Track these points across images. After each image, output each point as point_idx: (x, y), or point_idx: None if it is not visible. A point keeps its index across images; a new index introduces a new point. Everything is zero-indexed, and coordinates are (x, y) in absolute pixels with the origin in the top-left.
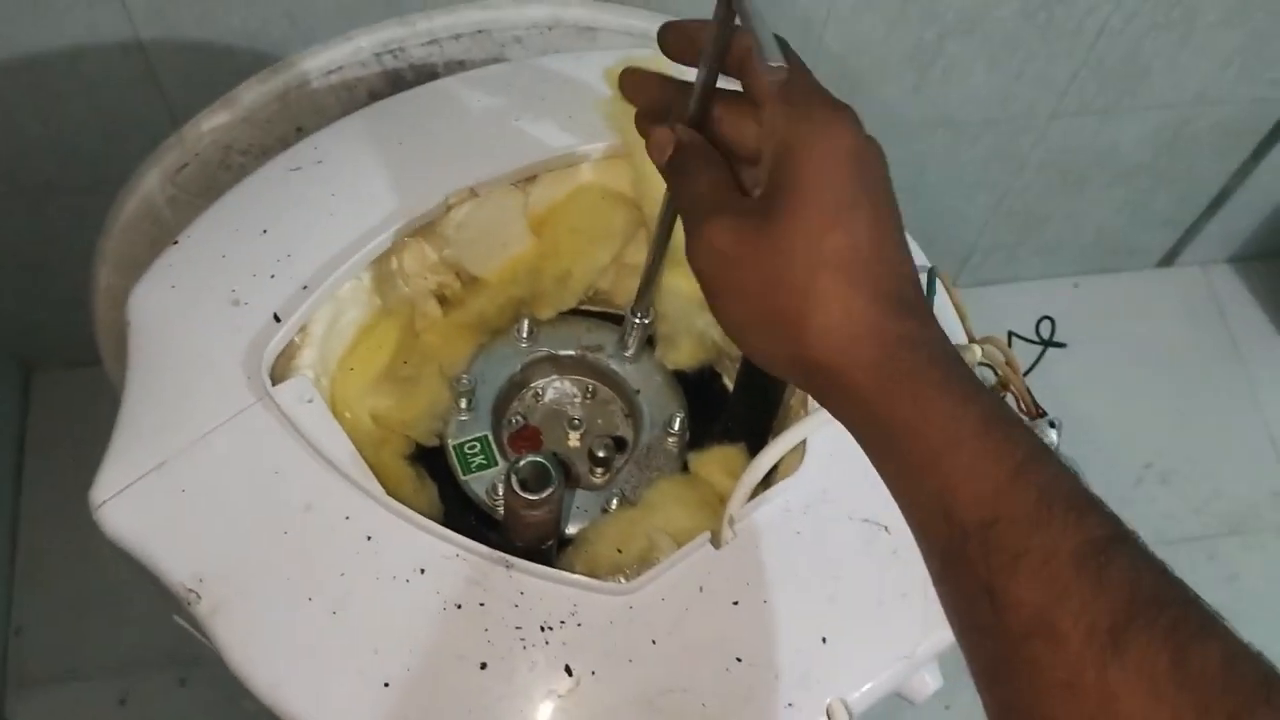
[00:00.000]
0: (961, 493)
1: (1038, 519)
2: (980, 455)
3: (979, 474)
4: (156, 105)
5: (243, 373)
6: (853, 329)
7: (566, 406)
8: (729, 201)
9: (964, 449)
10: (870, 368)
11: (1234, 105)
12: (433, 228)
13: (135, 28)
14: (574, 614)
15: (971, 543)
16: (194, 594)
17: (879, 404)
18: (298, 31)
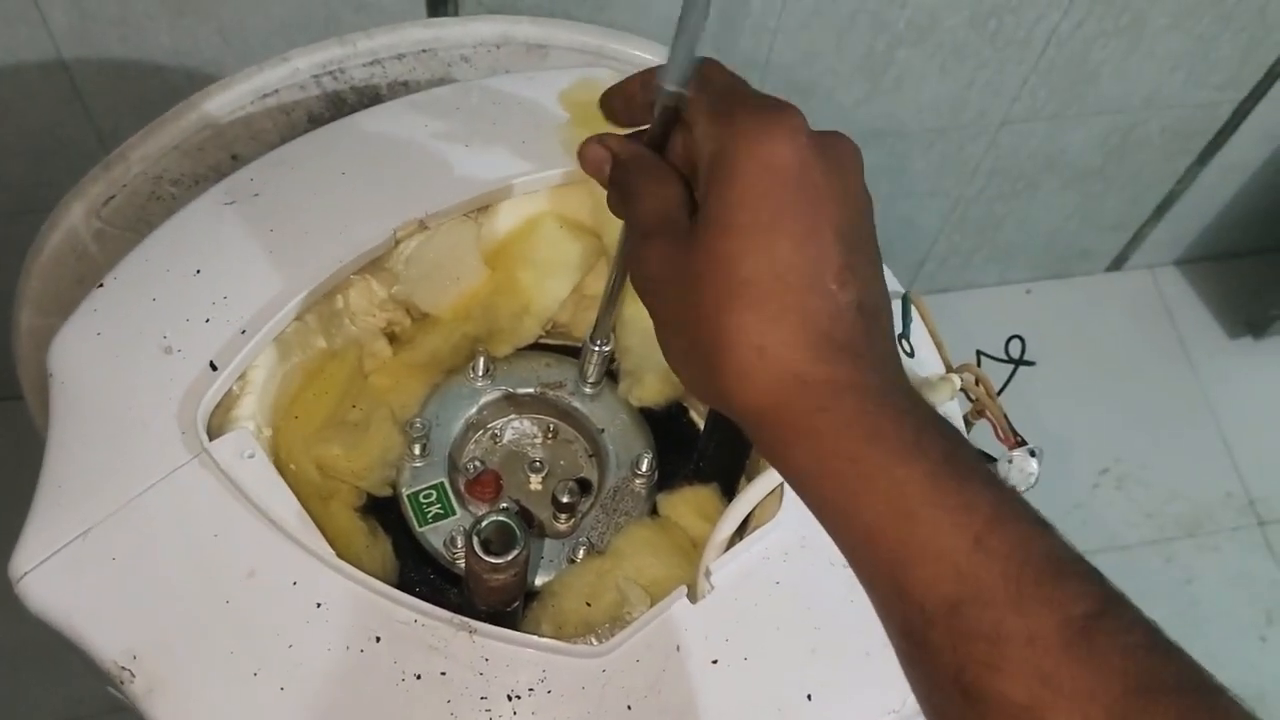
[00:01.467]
0: (917, 572)
1: (1010, 597)
2: (933, 525)
3: (934, 549)
4: (84, 127)
5: (177, 427)
6: (769, 374)
7: (527, 448)
8: (669, 221)
9: (913, 519)
10: (792, 421)
11: (1181, 109)
12: (380, 263)
13: (57, 47)
14: (543, 680)
15: (936, 629)
16: (127, 672)
17: (806, 463)
18: (231, 49)
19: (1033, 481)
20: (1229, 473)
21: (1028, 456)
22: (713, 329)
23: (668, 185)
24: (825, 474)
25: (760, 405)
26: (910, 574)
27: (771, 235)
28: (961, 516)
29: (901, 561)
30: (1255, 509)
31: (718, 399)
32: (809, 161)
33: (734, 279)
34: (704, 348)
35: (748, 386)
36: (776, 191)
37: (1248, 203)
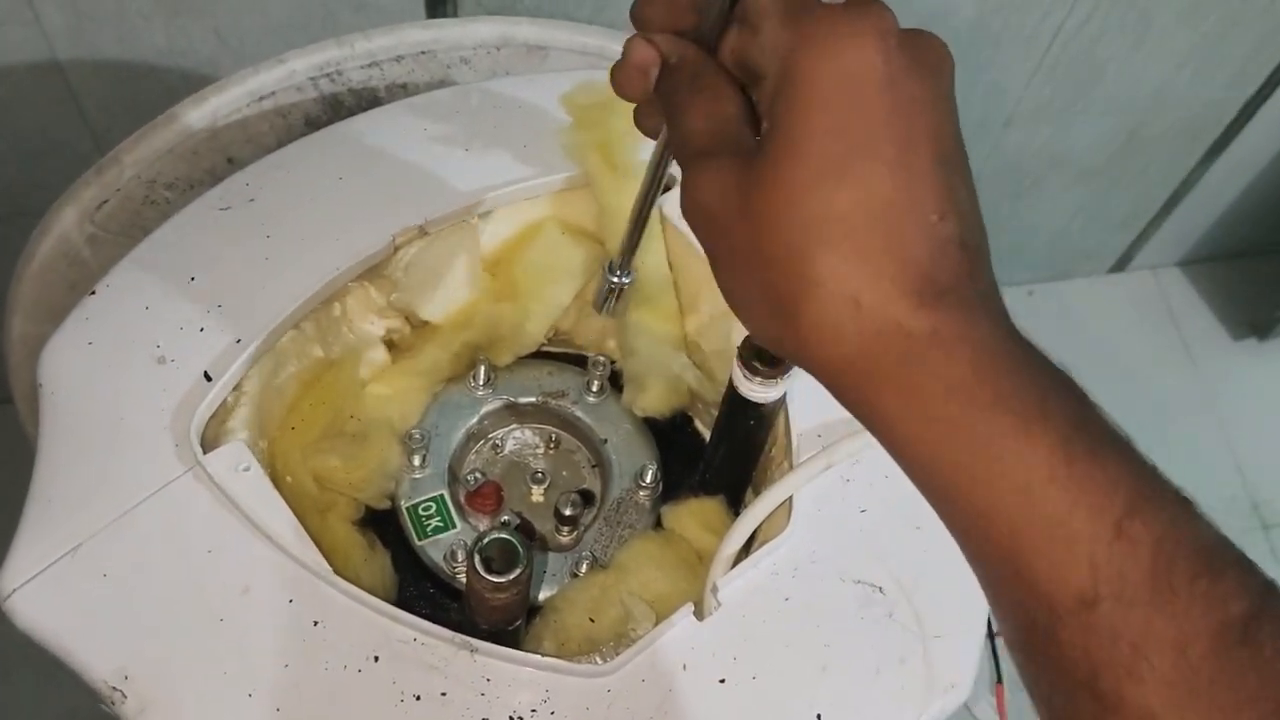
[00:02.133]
0: (1045, 561)
1: (1158, 595)
2: (1066, 507)
3: (1067, 535)
4: (78, 128)
5: (170, 439)
6: (863, 326)
7: (529, 458)
8: (727, 140)
9: (1042, 499)
10: (891, 379)
11: (1188, 108)
12: (379, 270)
13: (52, 47)
14: (546, 701)
15: (1066, 627)
16: (119, 692)
17: (909, 429)
18: (227, 50)
19: None
20: (1233, 476)
21: None
22: (790, 273)
23: (726, 96)
24: (933, 442)
25: (851, 361)
26: (1037, 563)
27: (861, 160)
28: (1099, 497)
29: (1026, 548)
30: (1259, 513)
31: (794, 350)
32: (900, 68)
33: (816, 214)
34: (778, 293)
35: (836, 339)
36: (865, 107)
37: (1254, 202)
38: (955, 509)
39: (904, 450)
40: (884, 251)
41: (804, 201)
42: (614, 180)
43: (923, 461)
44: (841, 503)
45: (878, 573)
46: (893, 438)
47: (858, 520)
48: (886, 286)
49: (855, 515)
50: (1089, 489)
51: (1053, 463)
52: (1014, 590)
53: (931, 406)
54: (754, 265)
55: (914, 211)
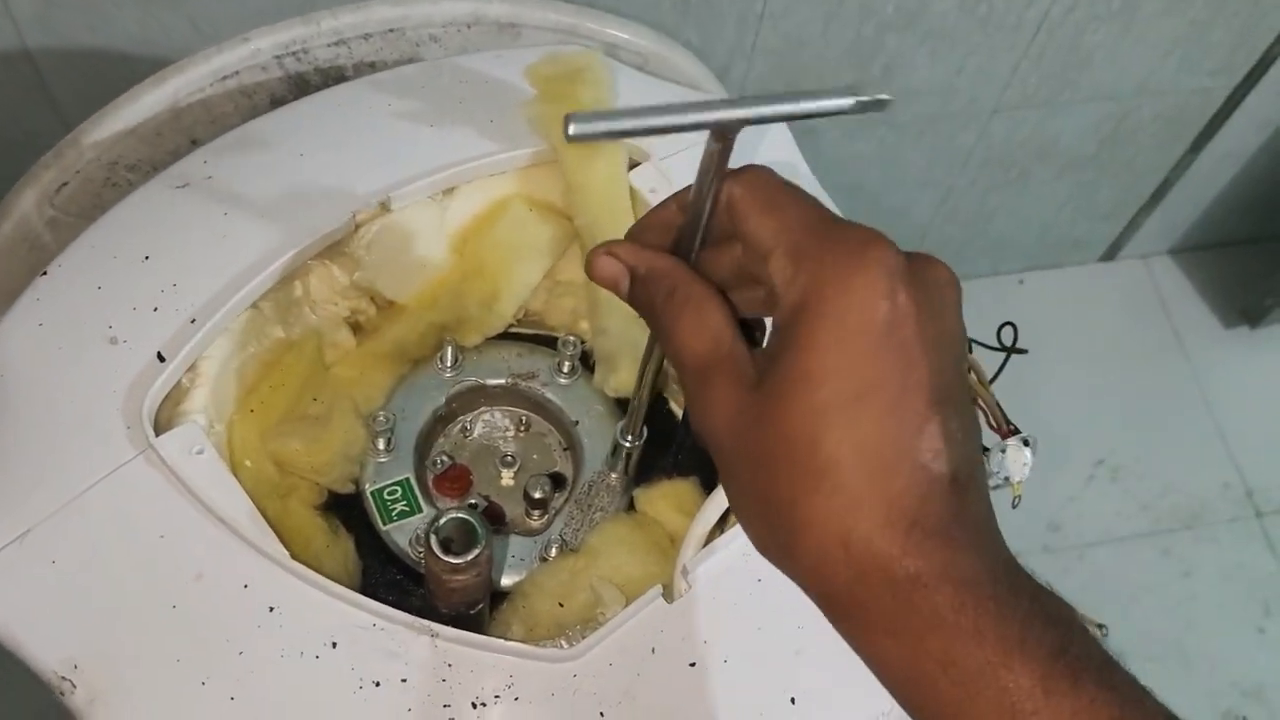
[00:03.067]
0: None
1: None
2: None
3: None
4: (49, 119)
5: (121, 421)
6: (852, 565)
7: (498, 442)
8: (724, 360)
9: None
10: (878, 614)
11: (1175, 95)
12: (340, 248)
13: (21, 35)
14: (510, 686)
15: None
16: (68, 682)
17: (896, 661)
18: (201, 37)
19: (1027, 472)
20: (1226, 464)
21: (1021, 446)
22: (788, 511)
23: (710, 308)
24: (918, 676)
25: (841, 594)
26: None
27: (860, 407)
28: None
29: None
30: (1253, 500)
31: (792, 575)
32: (905, 310)
33: (815, 460)
34: (778, 525)
35: (827, 574)
36: (871, 354)
37: (1242, 190)
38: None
39: (893, 680)
40: (873, 495)
41: (804, 447)
42: (581, 155)
43: (910, 692)
44: None
45: None
46: (882, 667)
47: None
48: (873, 530)
49: None
50: (1069, 716)
51: (1034, 695)
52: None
53: (918, 643)
54: (758, 496)
55: (906, 454)
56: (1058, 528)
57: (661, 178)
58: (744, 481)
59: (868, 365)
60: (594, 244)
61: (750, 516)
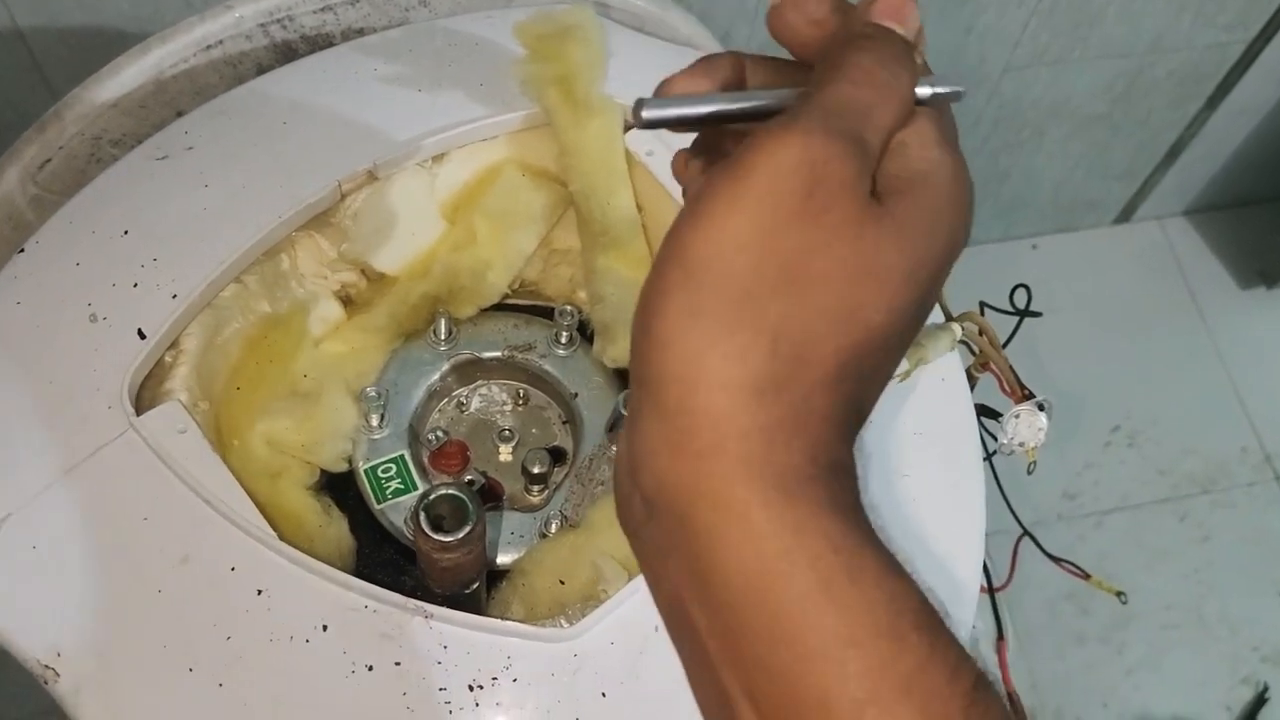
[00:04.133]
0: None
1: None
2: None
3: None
4: (43, 99)
5: (103, 401)
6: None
7: (495, 416)
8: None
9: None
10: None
11: (1189, 52)
12: (326, 219)
13: (12, 14)
14: (508, 668)
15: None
16: (52, 671)
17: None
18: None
19: (1042, 437)
20: (1244, 427)
21: (1036, 410)
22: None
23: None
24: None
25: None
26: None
27: (757, 309)
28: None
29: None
30: (1272, 464)
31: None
32: (830, 180)
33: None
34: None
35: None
36: (777, 238)
37: (1259, 148)
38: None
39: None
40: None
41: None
42: (575, 116)
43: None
44: None
45: None
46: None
47: None
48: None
49: None
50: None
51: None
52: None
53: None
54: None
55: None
56: (1074, 496)
57: (658, 139)
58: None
59: (766, 260)
60: (590, 210)
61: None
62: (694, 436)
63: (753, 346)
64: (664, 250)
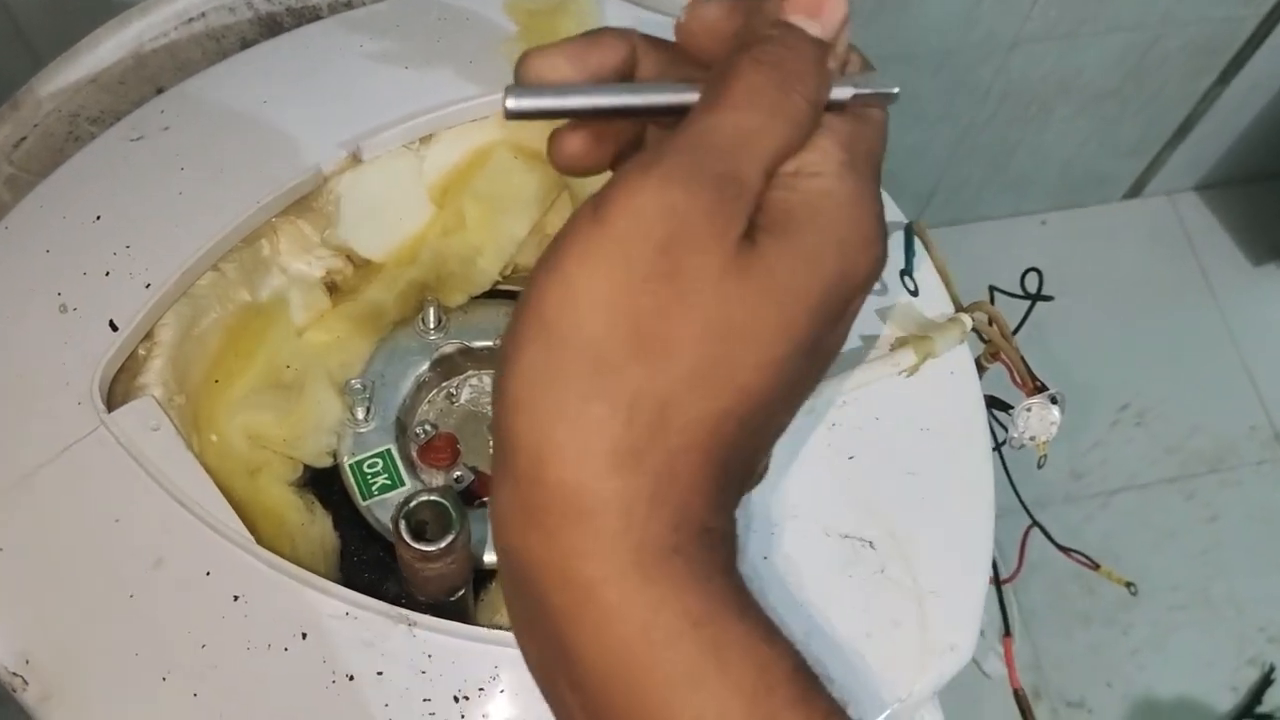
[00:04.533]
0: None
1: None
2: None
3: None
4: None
5: (72, 396)
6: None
7: (486, 408)
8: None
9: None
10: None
11: (1202, 24)
12: (308, 203)
13: None
14: (495, 678)
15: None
16: (19, 678)
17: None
18: None
19: (1054, 431)
20: (1253, 405)
21: (1048, 404)
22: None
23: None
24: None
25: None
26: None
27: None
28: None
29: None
30: None
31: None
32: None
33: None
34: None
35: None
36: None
37: (1272, 123)
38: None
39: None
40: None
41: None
42: None
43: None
44: (826, 449)
45: (867, 526)
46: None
47: (844, 468)
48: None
49: (842, 462)
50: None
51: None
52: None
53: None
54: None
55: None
56: (1081, 475)
57: None
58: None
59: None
60: (584, 192)
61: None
62: (545, 510)
63: (609, 416)
64: (521, 299)
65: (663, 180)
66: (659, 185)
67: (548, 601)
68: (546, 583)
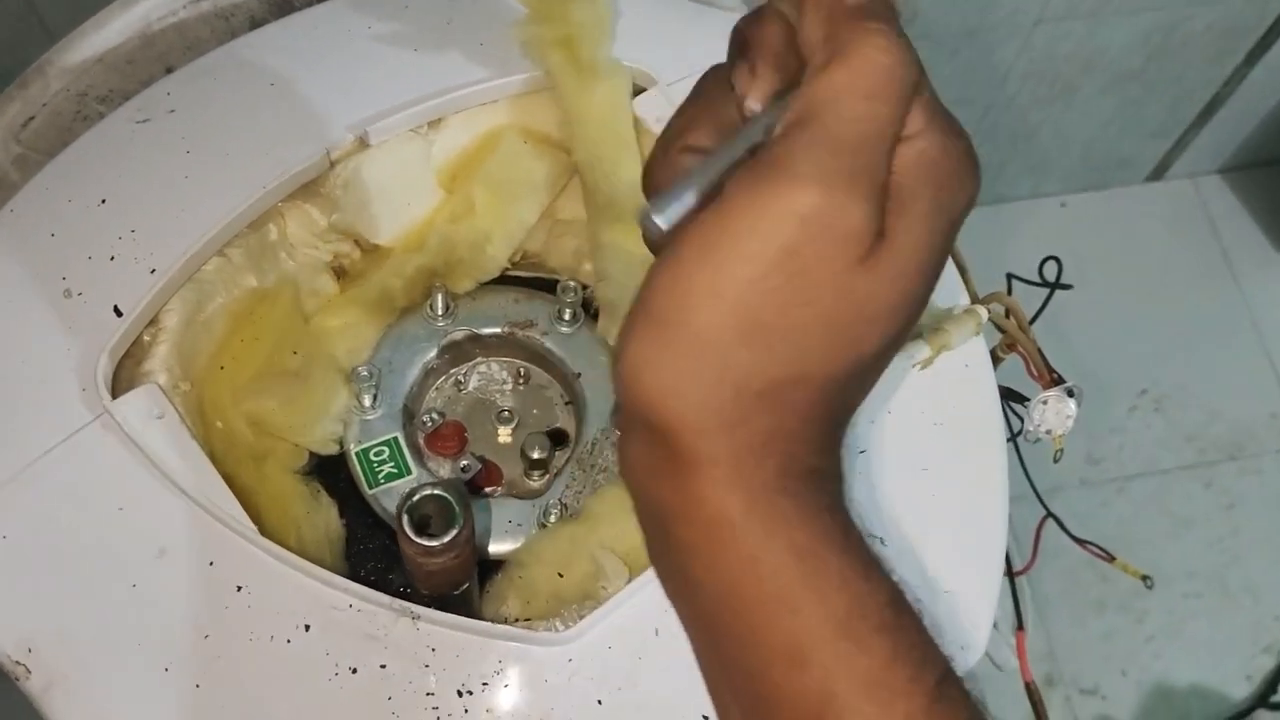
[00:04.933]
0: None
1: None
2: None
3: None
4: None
5: (76, 383)
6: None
7: (494, 396)
8: None
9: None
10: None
11: (1228, 5)
12: (315, 188)
13: None
14: (500, 672)
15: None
16: (22, 667)
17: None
18: None
19: (1070, 424)
20: (1274, 392)
21: (1065, 397)
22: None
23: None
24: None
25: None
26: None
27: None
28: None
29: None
30: None
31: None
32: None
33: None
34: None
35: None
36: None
37: None
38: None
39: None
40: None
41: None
42: (579, 80)
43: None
44: None
45: (879, 522)
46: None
47: (856, 462)
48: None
49: (853, 457)
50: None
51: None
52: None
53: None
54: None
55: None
56: (1097, 461)
57: (668, 104)
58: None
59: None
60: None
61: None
62: (669, 463)
63: (719, 391)
64: (646, 280)
65: (793, 183)
66: (789, 190)
67: (674, 535)
68: (672, 521)
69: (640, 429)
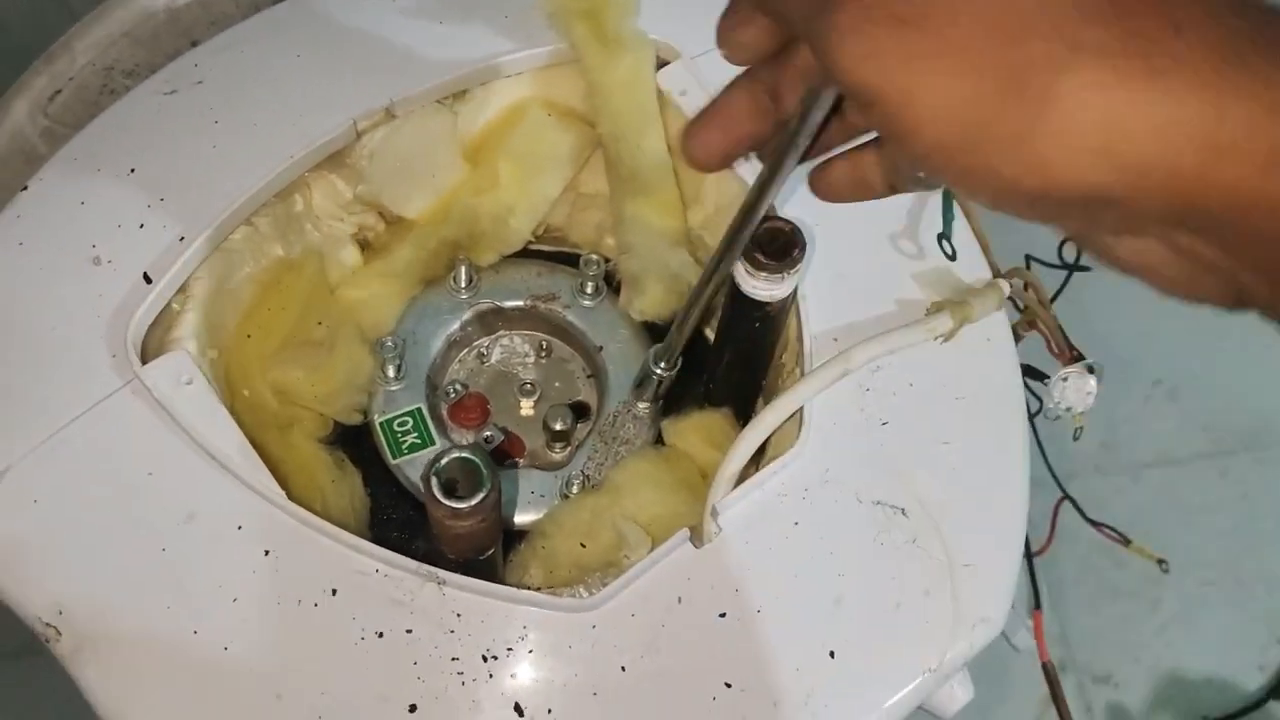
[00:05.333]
0: None
1: None
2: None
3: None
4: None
5: (106, 349)
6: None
7: (517, 368)
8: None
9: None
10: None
11: None
12: (341, 159)
13: None
14: (524, 639)
15: None
16: (52, 629)
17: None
18: None
19: (1091, 401)
20: None
21: (1085, 373)
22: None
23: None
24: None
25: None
26: None
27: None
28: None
29: None
30: None
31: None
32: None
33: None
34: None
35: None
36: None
37: None
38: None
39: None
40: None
41: None
42: (604, 53)
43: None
44: (859, 414)
45: (900, 493)
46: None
47: (878, 434)
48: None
49: (875, 428)
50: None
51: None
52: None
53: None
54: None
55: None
56: (1112, 448)
57: (692, 78)
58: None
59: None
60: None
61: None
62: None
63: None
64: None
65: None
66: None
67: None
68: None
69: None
